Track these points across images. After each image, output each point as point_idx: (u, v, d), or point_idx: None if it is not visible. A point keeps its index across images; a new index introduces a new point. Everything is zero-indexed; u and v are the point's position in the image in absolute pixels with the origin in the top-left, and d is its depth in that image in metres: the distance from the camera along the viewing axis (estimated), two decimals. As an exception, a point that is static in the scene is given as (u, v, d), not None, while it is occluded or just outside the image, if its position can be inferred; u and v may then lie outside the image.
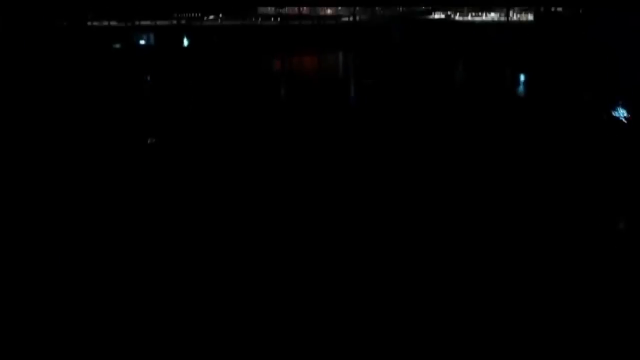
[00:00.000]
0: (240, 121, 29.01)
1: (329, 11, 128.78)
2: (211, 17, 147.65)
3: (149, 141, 23.24)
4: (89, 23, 71.54)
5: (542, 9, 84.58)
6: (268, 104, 33.61)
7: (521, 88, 38.91)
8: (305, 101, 34.38)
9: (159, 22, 73.04)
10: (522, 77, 42.34)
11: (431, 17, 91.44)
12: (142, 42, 66.89)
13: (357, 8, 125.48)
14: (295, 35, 65.15)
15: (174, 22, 69.83)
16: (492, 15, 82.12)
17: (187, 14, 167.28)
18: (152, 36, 68.46)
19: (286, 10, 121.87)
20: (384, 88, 39.91)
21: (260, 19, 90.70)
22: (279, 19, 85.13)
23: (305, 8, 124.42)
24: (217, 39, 63.31)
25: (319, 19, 78.84)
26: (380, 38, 70.68)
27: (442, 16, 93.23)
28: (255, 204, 17.46)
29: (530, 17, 76.58)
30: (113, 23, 72.37)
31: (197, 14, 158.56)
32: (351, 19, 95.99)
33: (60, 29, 63.62)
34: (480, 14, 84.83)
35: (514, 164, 20.87)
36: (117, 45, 65.98)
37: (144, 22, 73.25)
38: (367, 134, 26.01)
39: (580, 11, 74.53)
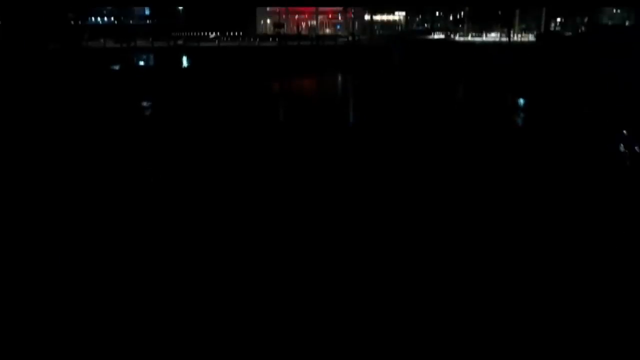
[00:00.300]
0: (239, 145, 27.40)
1: (327, 30, 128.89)
2: (211, 36, 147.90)
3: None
4: (85, 44, 70.73)
5: (542, 30, 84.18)
6: (266, 127, 32.24)
7: (523, 112, 37.42)
8: (304, 125, 32.82)
9: (156, 44, 72.02)
10: (523, 101, 40.93)
11: (431, 37, 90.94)
12: (141, 63, 65.77)
13: (357, 27, 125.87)
14: (294, 57, 63.74)
15: (171, 43, 68.67)
16: (493, 36, 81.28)
17: (185, 34, 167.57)
18: (151, 57, 67.37)
19: (285, 29, 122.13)
20: (384, 110, 38.51)
21: (258, 39, 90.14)
22: (277, 39, 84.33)
23: (304, 26, 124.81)
24: (215, 60, 61.79)
25: (318, 40, 77.69)
26: (380, 59, 69.62)
27: (442, 36, 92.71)
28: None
29: (532, 37, 75.62)
30: (109, 44, 71.71)
31: (195, 34, 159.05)
32: (350, 38, 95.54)
33: (57, 49, 62.15)
34: (481, 33, 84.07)
35: (515, 193, 19.31)
36: (116, 67, 64.95)
37: (140, 43, 72.38)
38: (366, 158, 24.98)
39: (582, 31, 73.77)
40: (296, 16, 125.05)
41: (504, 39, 76.45)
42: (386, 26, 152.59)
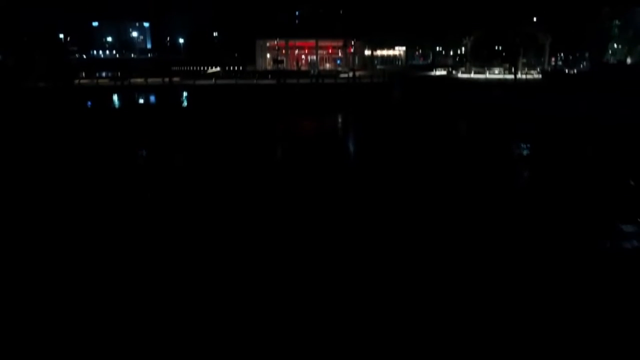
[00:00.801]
0: (237, 186, 26.00)
1: (327, 65, 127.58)
2: (211, 70, 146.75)
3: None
4: (78, 82, 68.54)
5: (545, 65, 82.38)
6: (265, 167, 30.72)
7: (529, 156, 34.36)
8: (304, 167, 30.75)
9: (150, 80, 69.66)
10: (529, 144, 37.88)
11: (433, 73, 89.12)
12: (141, 100, 63.22)
13: (357, 62, 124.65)
14: (293, 96, 61.00)
15: (166, 80, 66.24)
16: (496, 72, 79.20)
17: (185, 68, 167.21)
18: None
19: (285, 64, 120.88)
20: (385, 149, 36.29)
21: (257, 75, 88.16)
22: (276, 76, 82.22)
23: (304, 61, 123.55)
24: (209, 100, 58.94)
25: (318, 78, 75.45)
26: (381, 97, 67.20)
27: (444, 73, 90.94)
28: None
29: (536, 74, 73.51)
30: (103, 82, 69.66)
31: (195, 68, 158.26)
32: (351, 74, 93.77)
33: (43, 88, 59.49)
34: (483, 69, 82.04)
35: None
36: (117, 104, 62.50)
37: (136, 80, 70.14)
38: (366, 199, 23.92)
39: (589, 69, 71.71)
40: (296, 51, 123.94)
41: (508, 76, 74.41)
42: (386, 60, 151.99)
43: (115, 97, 58.68)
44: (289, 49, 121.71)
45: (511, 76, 73.34)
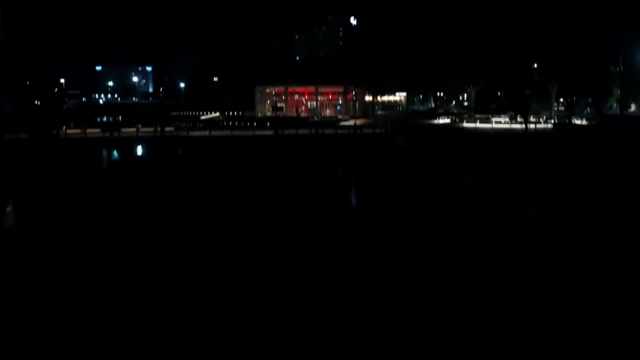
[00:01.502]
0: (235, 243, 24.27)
1: (328, 111, 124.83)
2: (210, 115, 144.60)
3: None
4: (66, 131, 65.16)
5: (554, 117, 79.28)
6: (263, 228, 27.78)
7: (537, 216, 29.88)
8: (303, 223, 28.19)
9: (142, 130, 66.27)
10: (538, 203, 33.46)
11: (436, 122, 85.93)
12: (121, 158, 59.06)
13: (357, 108, 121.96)
14: (291, 149, 57.08)
15: (158, 131, 62.70)
16: (502, 122, 75.72)
17: (185, 113, 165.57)
18: (136, 151, 60.83)
19: (285, 110, 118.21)
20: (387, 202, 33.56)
21: (255, 124, 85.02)
22: (274, 125, 78.90)
23: (303, 108, 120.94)
24: (201, 156, 54.61)
25: (317, 126, 71.95)
26: (384, 152, 63.18)
27: (447, 121, 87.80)
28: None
29: (549, 125, 70.00)
30: (93, 131, 66.23)
31: (195, 113, 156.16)
32: (351, 122, 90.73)
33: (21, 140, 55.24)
34: (488, 117, 78.69)
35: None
36: (116, 156, 58.64)
37: (128, 130, 66.72)
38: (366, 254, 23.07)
39: (598, 121, 68.33)
40: (296, 96, 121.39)
41: (515, 126, 70.91)
42: (387, 106, 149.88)
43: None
44: (288, 94, 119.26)
45: (518, 126, 69.80)
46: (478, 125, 74.67)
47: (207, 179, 39.89)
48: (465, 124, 76.60)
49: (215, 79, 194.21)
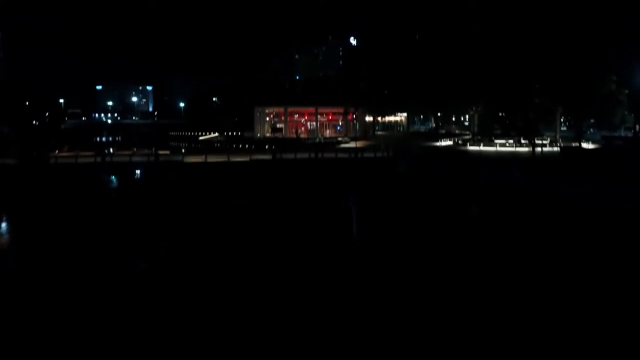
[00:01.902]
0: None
1: (328, 132, 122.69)
2: (209, 135, 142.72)
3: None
4: (58, 155, 62.84)
5: (559, 139, 77.04)
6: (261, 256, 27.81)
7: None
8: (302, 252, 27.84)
9: (137, 154, 64.00)
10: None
11: (438, 144, 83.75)
12: (105, 188, 56.53)
13: (357, 129, 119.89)
14: (289, 175, 54.94)
15: (152, 156, 60.39)
16: (507, 144, 73.40)
17: (184, 133, 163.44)
18: (135, 173, 58.53)
19: (284, 132, 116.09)
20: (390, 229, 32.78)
21: (253, 146, 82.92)
22: (273, 146, 76.74)
23: (303, 129, 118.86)
24: (195, 186, 52.12)
25: (317, 148, 69.71)
26: (387, 178, 60.96)
27: (450, 143, 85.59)
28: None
29: (555, 148, 67.67)
30: (85, 155, 64.14)
31: (194, 133, 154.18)
32: (352, 144, 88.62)
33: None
34: (491, 139, 76.36)
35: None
36: (113, 182, 56.40)
37: (122, 153, 64.50)
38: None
39: (606, 145, 66.07)
40: (295, 117, 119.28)
41: (520, 149, 68.59)
42: (387, 126, 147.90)
43: (75, 184, 49.74)
44: (287, 115, 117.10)
45: (523, 149, 67.46)
46: (482, 148, 72.33)
47: (191, 219, 36.65)
48: (469, 147, 74.23)
49: (214, 99, 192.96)
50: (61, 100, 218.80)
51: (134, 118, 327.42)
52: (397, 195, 47.29)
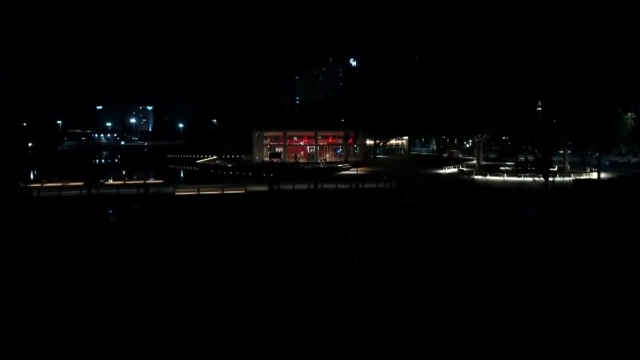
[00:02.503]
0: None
1: (327, 155, 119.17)
2: (207, 158, 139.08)
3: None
4: (42, 187, 59.25)
5: (568, 167, 73.62)
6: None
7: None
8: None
9: (126, 185, 60.46)
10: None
11: (442, 171, 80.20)
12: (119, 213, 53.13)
13: (358, 152, 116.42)
14: (286, 213, 51.18)
15: (141, 187, 56.62)
16: (516, 174, 69.86)
17: (183, 156, 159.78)
18: (117, 211, 54.68)
19: (283, 156, 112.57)
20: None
21: (251, 173, 79.47)
22: (271, 174, 73.17)
23: (302, 154, 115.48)
24: (188, 219, 48.44)
25: (316, 176, 66.15)
26: (389, 201, 57.81)
27: (454, 170, 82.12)
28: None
29: (567, 178, 64.10)
30: (72, 186, 60.61)
31: (193, 155, 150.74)
32: (353, 170, 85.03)
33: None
34: (499, 170, 72.68)
35: None
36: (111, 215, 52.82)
37: (110, 184, 60.89)
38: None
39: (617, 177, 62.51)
40: (294, 139, 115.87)
41: (528, 179, 64.99)
42: (388, 150, 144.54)
43: (44, 224, 45.00)
44: (286, 138, 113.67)
45: (531, 179, 63.89)
46: (488, 178, 68.75)
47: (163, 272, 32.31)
48: (475, 176, 70.67)
49: (214, 120, 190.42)
50: (59, 122, 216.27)
51: (133, 138, 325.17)
52: (401, 236, 43.43)
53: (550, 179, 59.96)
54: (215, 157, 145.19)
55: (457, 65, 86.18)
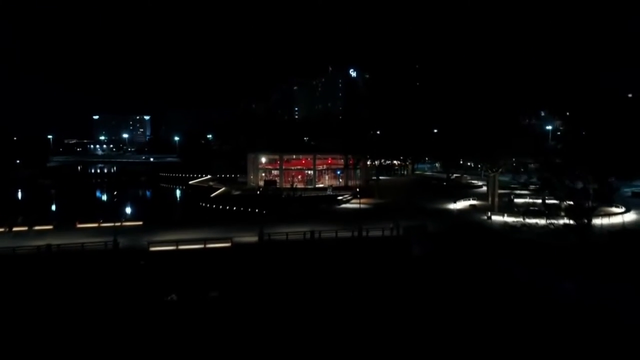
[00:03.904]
0: None
1: (326, 178, 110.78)
2: (202, 178, 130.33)
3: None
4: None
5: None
6: None
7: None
8: None
9: (89, 245, 52.19)
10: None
11: (453, 207, 72.11)
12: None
13: (359, 175, 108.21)
14: (278, 271, 43.60)
15: (117, 239, 48.48)
16: (538, 215, 61.45)
17: (178, 175, 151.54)
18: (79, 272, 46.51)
19: (278, 182, 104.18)
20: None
21: (242, 207, 71.42)
22: (264, 209, 65.25)
23: (299, 178, 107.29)
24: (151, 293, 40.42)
25: (313, 209, 58.22)
26: (397, 254, 50.20)
27: (466, 205, 74.17)
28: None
29: (599, 221, 55.78)
30: (37, 230, 52.60)
31: (187, 175, 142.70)
32: (355, 203, 77.16)
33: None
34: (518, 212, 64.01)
35: None
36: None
37: (72, 236, 52.84)
38: None
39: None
40: (292, 158, 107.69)
41: (553, 221, 56.68)
42: (390, 168, 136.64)
43: None
44: (283, 161, 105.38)
45: (556, 221, 55.47)
46: (506, 219, 60.57)
47: None
48: (490, 217, 62.67)
49: (209, 136, 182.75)
50: (50, 137, 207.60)
51: (129, 150, 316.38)
52: (414, 307, 35.80)
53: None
54: (209, 176, 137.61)
55: (463, 82, 78.60)
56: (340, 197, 79.92)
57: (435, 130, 79.74)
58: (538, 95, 72.15)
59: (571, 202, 50.24)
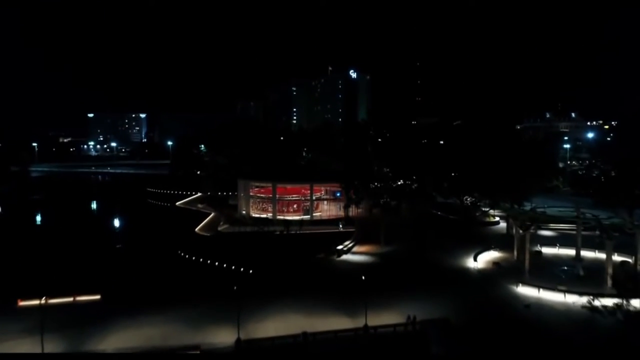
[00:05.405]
0: None
1: (326, 208, 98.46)
2: (194, 196, 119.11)
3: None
4: None
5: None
6: None
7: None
8: None
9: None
10: None
11: (473, 267, 60.61)
12: None
13: (359, 212, 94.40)
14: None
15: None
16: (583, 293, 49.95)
17: (171, 192, 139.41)
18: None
19: (273, 213, 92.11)
20: None
21: (223, 259, 60.01)
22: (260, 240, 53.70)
23: (295, 207, 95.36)
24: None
25: (307, 262, 46.85)
26: (414, 351, 39.50)
27: (488, 260, 62.69)
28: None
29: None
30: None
31: (179, 192, 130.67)
32: (356, 253, 65.94)
33: None
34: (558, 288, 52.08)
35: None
36: None
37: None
38: None
39: None
40: (287, 187, 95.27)
41: (603, 300, 45.31)
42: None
43: None
44: (276, 189, 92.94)
45: (605, 300, 44.15)
46: (542, 295, 49.14)
47: None
48: (525, 289, 51.24)
49: (201, 146, 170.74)
50: (34, 144, 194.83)
51: (123, 150, 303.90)
52: None
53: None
54: (199, 194, 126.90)
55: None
56: (340, 247, 68.13)
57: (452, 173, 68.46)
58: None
59: None
